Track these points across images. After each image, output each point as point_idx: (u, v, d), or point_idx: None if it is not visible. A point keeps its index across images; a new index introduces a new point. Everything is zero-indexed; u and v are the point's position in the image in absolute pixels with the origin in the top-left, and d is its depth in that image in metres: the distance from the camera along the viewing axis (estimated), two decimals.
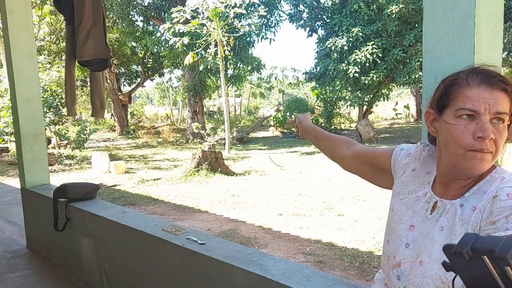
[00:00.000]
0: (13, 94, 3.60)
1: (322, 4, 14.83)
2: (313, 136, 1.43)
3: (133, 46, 19.68)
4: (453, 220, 0.87)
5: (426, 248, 0.90)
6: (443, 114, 0.89)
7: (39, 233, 3.65)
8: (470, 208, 0.85)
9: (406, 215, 0.98)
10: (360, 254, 3.75)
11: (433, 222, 0.91)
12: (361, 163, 1.22)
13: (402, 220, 0.98)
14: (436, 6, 1.24)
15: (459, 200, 0.88)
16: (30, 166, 3.68)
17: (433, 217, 0.92)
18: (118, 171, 8.72)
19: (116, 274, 2.69)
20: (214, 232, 4.47)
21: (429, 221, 0.93)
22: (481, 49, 1.19)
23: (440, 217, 0.90)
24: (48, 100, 10.68)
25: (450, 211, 0.89)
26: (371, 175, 1.20)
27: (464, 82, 0.86)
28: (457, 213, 0.87)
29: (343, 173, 6.78)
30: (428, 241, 0.90)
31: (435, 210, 0.92)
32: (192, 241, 2.07)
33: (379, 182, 1.18)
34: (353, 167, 1.25)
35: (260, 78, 25.43)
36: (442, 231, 0.88)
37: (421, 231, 0.93)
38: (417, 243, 0.93)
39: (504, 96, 0.84)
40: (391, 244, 0.99)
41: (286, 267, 1.73)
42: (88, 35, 2.77)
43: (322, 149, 1.39)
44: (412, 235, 0.95)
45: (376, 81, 13.03)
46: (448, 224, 0.88)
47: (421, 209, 0.96)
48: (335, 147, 1.32)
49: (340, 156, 1.29)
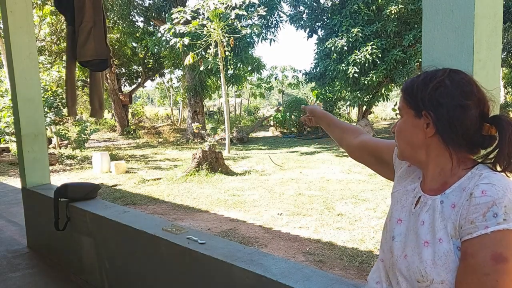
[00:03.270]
0: (14, 94, 3.61)
1: (322, 5, 14.84)
2: (326, 123, 1.46)
3: (134, 47, 19.69)
4: (433, 216, 0.89)
5: (411, 242, 0.91)
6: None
7: (40, 233, 3.65)
8: (450, 205, 0.87)
9: (395, 209, 1.01)
10: (360, 254, 3.75)
11: (416, 216, 0.94)
12: (365, 153, 1.25)
13: (393, 213, 1.01)
14: (436, 7, 1.25)
15: (440, 197, 0.90)
16: (31, 166, 3.68)
17: (415, 212, 0.94)
18: (118, 171, 8.73)
19: (117, 274, 2.70)
20: (214, 232, 4.48)
21: (413, 215, 0.95)
22: (480, 49, 1.20)
23: (422, 212, 0.92)
24: (49, 100, 10.68)
25: (431, 207, 0.91)
26: (375, 166, 1.24)
27: None
28: (437, 209, 0.89)
29: (343, 173, 6.75)
30: (412, 235, 0.92)
31: (418, 204, 0.95)
32: (192, 240, 2.08)
33: (383, 173, 1.22)
34: (359, 156, 1.29)
35: (260, 79, 25.46)
36: (423, 226, 0.90)
37: (407, 225, 0.96)
38: (404, 237, 0.95)
39: (402, 98, 0.97)
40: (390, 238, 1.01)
41: (286, 267, 1.73)
42: (88, 35, 2.77)
43: (332, 135, 1.43)
44: (399, 229, 0.97)
45: (376, 82, 13.04)
46: (429, 220, 0.90)
47: (409, 203, 0.98)
48: (343, 134, 1.36)
49: (347, 144, 1.33)
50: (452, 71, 0.92)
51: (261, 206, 5.63)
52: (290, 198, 6.08)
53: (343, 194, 6.23)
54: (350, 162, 9.34)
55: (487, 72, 1.24)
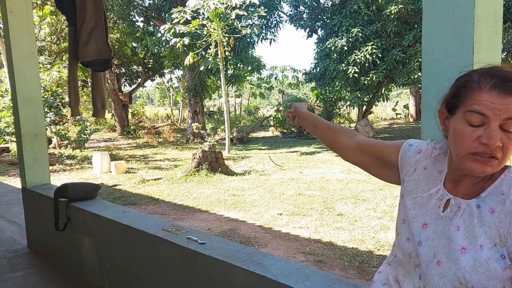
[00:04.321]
0: (14, 94, 3.61)
1: (322, 4, 14.84)
2: (312, 124, 1.38)
3: (134, 47, 19.68)
4: (470, 221, 0.86)
5: (444, 248, 0.88)
6: (454, 114, 0.88)
7: (40, 233, 3.66)
8: (488, 210, 0.85)
9: (419, 214, 0.97)
10: (360, 254, 3.75)
11: (447, 221, 0.90)
12: (365, 155, 1.19)
13: (415, 219, 0.97)
14: (436, 7, 1.25)
15: (475, 201, 0.87)
16: (31, 166, 3.68)
17: (446, 216, 0.91)
18: (118, 171, 8.73)
19: (117, 274, 2.70)
20: (214, 232, 4.48)
21: (442, 219, 0.91)
22: (480, 49, 1.20)
23: (455, 216, 0.89)
24: (49, 100, 10.68)
25: (466, 211, 0.88)
26: (375, 168, 1.17)
27: (475, 85, 0.84)
28: (474, 214, 0.86)
29: (343, 173, 6.73)
30: (445, 241, 0.89)
31: (448, 208, 0.91)
32: (192, 240, 2.08)
33: (383, 175, 1.16)
34: (357, 158, 1.22)
35: (260, 79, 25.45)
36: (459, 231, 0.87)
37: (435, 229, 0.92)
38: (433, 242, 0.91)
39: None
40: (411, 242, 0.97)
41: (286, 267, 1.73)
42: (90, 35, 2.78)
43: (321, 138, 1.34)
44: (425, 234, 0.93)
45: (376, 82, 13.04)
46: (465, 225, 0.87)
47: (433, 206, 0.95)
48: (336, 136, 1.29)
49: (342, 146, 1.26)
50: None
51: (261, 206, 5.63)
52: (290, 198, 6.08)
53: (343, 194, 6.23)
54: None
55: None
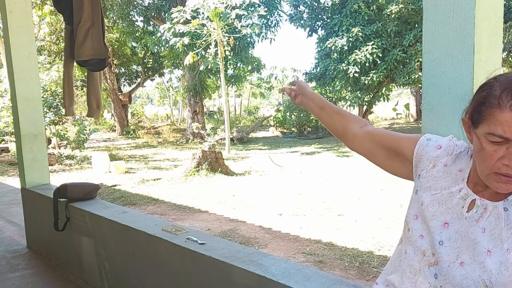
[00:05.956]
0: (13, 94, 3.60)
1: (322, 4, 14.84)
2: (319, 106, 1.26)
3: (133, 46, 19.70)
4: (496, 223, 0.85)
5: (468, 250, 0.86)
6: (477, 128, 0.84)
7: (39, 233, 3.65)
8: None
9: (439, 211, 0.94)
10: (360, 254, 3.75)
11: (472, 222, 0.88)
12: (376, 145, 1.12)
13: (435, 216, 0.94)
14: (436, 6, 1.24)
15: (503, 203, 0.85)
16: (30, 166, 3.68)
17: (471, 216, 0.88)
18: (118, 171, 8.72)
19: (116, 274, 2.70)
20: (214, 232, 4.48)
21: (466, 219, 0.89)
22: (481, 49, 1.19)
23: (481, 218, 0.87)
24: (48, 100, 10.68)
25: (492, 213, 0.86)
26: (386, 160, 1.12)
27: (495, 103, 0.79)
28: (501, 216, 0.84)
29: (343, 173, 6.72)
30: (469, 242, 0.87)
31: (474, 208, 0.89)
32: (192, 241, 2.08)
33: (393, 169, 1.11)
34: (366, 147, 1.15)
35: (260, 78, 25.46)
36: (484, 233, 0.85)
37: (457, 229, 0.90)
38: (456, 243, 0.89)
39: None
40: (426, 239, 0.94)
41: (286, 267, 1.73)
42: (86, 35, 2.77)
43: (328, 122, 1.24)
44: (447, 233, 0.90)
45: (376, 81, 13.05)
46: (491, 227, 0.85)
47: (456, 205, 0.92)
48: (345, 122, 1.20)
49: (353, 134, 1.17)
50: None
51: (261, 206, 5.63)
52: (290, 198, 6.07)
53: (343, 194, 6.23)
54: (350, 162, 9.34)
55: (487, 72, 1.23)
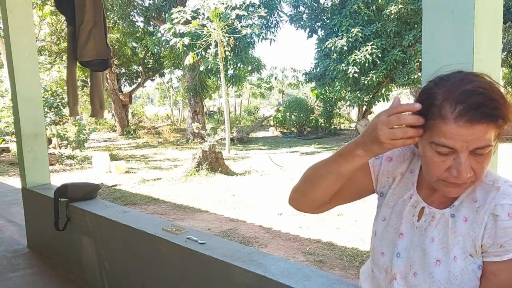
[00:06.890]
0: (14, 94, 3.61)
1: (321, 5, 14.84)
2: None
3: (134, 47, 19.71)
4: (444, 232, 0.84)
5: (419, 260, 0.86)
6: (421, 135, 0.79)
7: (40, 232, 3.66)
8: (461, 219, 0.83)
9: (397, 223, 0.93)
10: (360, 254, 3.75)
11: (422, 231, 0.87)
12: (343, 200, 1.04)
13: (393, 229, 0.93)
14: (436, 7, 1.24)
15: (449, 210, 0.85)
16: (31, 166, 3.68)
17: (420, 226, 0.88)
18: (118, 171, 8.73)
19: (117, 274, 2.70)
20: (214, 232, 4.48)
21: (417, 229, 0.88)
22: (480, 49, 1.20)
23: (429, 227, 0.86)
24: (49, 100, 10.67)
25: (440, 222, 0.85)
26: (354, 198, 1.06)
27: (437, 112, 0.74)
28: (448, 224, 0.84)
29: None
30: (419, 252, 0.87)
31: (423, 217, 0.88)
32: (192, 240, 2.08)
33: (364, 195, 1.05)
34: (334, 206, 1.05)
35: (260, 79, 25.46)
36: (433, 243, 0.85)
37: (411, 239, 0.89)
38: (409, 253, 0.88)
39: (488, 127, 0.73)
40: (386, 256, 0.93)
41: (286, 267, 1.73)
42: (89, 35, 2.78)
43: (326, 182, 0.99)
44: (403, 244, 0.90)
45: (376, 82, 13.05)
46: (439, 236, 0.85)
47: (408, 214, 0.91)
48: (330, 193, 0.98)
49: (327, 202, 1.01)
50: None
51: (261, 206, 5.63)
52: None
53: None
54: None
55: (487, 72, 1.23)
